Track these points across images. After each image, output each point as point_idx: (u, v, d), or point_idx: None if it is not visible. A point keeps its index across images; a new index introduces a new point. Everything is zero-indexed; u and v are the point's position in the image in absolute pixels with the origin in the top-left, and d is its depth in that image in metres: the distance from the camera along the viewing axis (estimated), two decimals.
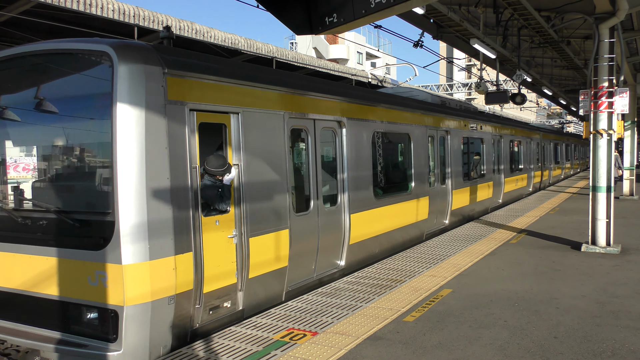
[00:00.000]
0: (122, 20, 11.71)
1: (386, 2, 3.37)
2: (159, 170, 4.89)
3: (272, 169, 6.40)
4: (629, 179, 18.01)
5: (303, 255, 6.96)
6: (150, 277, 4.78)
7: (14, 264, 5.24)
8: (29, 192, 5.70)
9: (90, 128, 5.31)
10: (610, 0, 8.50)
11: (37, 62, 5.43)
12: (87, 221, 4.92)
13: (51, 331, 5.05)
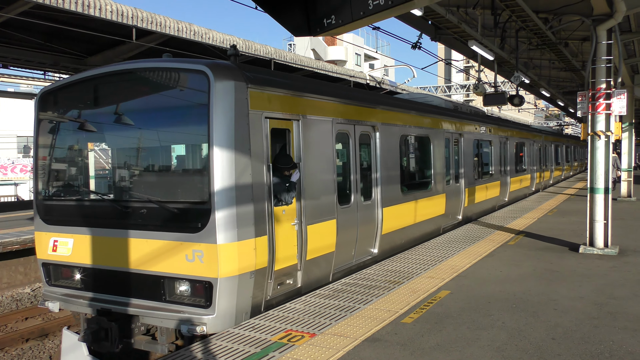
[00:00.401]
0: (120, 22, 11.71)
1: (384, 4, 3.37)
2: (244, 168, 5.91)
3: (323, 167, 7.43)
4: (626, 181, 18.03)
5: (346, 243, 7.92)
6: (238, 255, 5.80)
7: (119, 246, 6.23)
8: (133, 186, 6.71)
9: (189, 132, 6.38)
10: (607, 2, 8.52)
11: (143, 75, 6.48)
12: (186, 210, 5.96)
13: (150, 301, 6.06)
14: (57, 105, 7.22)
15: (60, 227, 6.80)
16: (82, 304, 6.52)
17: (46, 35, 13.29)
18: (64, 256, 6.72)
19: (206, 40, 13.81)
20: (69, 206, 6.97)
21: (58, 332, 9.56)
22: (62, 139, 7.17)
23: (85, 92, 6.86)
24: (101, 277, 6.45)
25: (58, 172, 7.31)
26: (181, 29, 13.10)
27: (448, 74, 77.73)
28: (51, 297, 6.86)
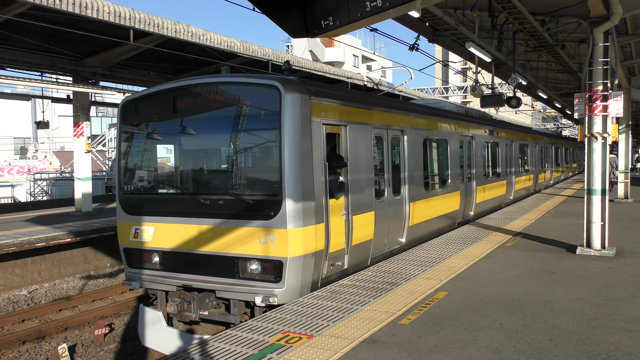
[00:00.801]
0: (117, 23, 11.69)
1: (382, 6, 3.37)
2: (308, 165, 7.01)
3: (364, 166, 8.48)
4: (623, 182, 18.07)
5: (381, 232, 8.95)
6: (303, 239, 6.85)
7: (197, 233, 7.29)
8: (212, 182, 7.87)
9: (262, 136, 7.43)
10: (604, 5, 8.54)
11: (222, 88, 7.56)
12: (261, 201, 7.02)
13: (225, 278, 7.13)
14: (137, 112, 8.27)
15: (142, 217, 7.84)
16: (164, 282, 7.67)
17: (43, 36, 13.26)
18: (145, 242, 7.77)
19: (204, 41, 13.80)
20: (150, 199, 8.10)
21: (55, 334, 9.55)
22: (142, 142, 8.34)
23: (164, 101, 7.95)
24: (181, 259, 7.50)
25: (138, 170, 8.42)
26: (179, 30, 13.09)
27: (445, 75, 77.83)
28: (133, 277, 7.97)
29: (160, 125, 8.22)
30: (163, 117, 8.14)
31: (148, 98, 8.17)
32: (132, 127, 8.34)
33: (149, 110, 8.22)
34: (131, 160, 8.38)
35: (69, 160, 35.97)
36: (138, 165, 8.42)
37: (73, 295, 11.87)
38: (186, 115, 7.86)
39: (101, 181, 32.42)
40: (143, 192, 8.31)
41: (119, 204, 8.14)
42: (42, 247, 11.94)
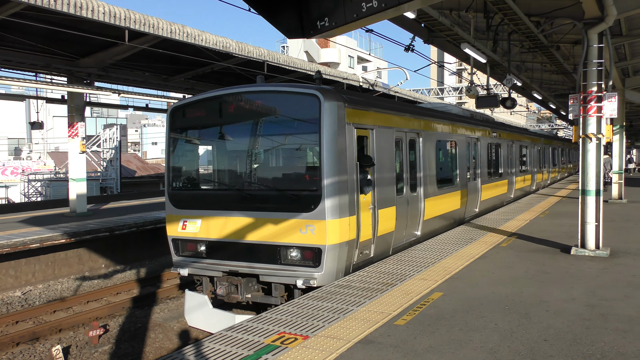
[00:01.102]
0: (112, 23, 11.66)
1: (377, 6, 3.38)
2: (343, 165, 7.87)
3: (387, 165, 9.39)
4: (617, 183, 18.14)
5: (401, 225, 9.85)
6: (339, 229, 7.71)
7: (242, 224, 8.16)
8: (257, 179, 8.68)
9: (303, 139, 8.29)
10: (599, 6, 8.58)
11: (266, 96, 8.53)
12: (302, 196, 7.85)
13: (268, 264, 8.00)
14: (184, 117, 9.16)
15: (190, 211, 8.76)
16: (210, 269, 8.55)
17: (38, 36, 13.21)
18: (193, 233, 8.65)
19: (199, 42, 13.78)
20: (197, 195, 9.12)
21: (49, 335, 9.50)
22: (189, 144, 9.38)
23: (211, 107, 8.86)
24: (227, 247, 8.38)
25: (186, 169, 9.48)
26: (174, 31, 13.06)
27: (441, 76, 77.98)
28: (181, 264, 8.87)
29: (207, 129, 9.21)
30: (210, 122, 9.04)
31: (195, 104, 9.08)
32: (180, 130, 9.34)
33: (196, 115, 9.12)
34: (179, 160, 9.41)
35: (64, 161, 35.84)
36: (185, 165, 9.51)
37: (67, 296, 11.82)
38: (232, 119, 8.80)
39: (96, 182, 32.30)
40: (190, 188, 9.35)
41: (168, 199, 9.09)
42: (36, 248, 11.89)
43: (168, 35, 12.94)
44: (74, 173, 15.90)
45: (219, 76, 19.42)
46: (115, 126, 35.93)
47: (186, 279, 10.76)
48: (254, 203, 8.18)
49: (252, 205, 8.18)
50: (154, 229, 14.74)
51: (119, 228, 13.61)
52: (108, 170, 33.49)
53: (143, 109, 22.72)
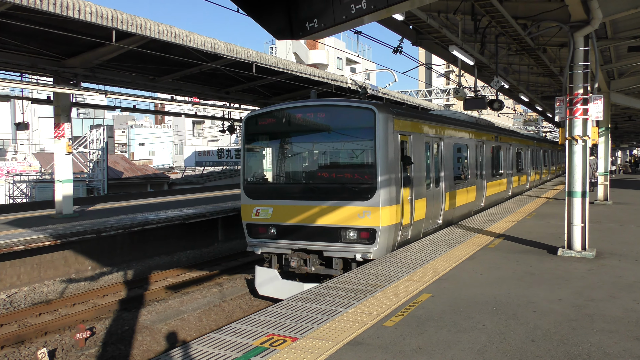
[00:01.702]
0: (99, 24, 11.56)
1: (366, 8, 3.38)
2: (391, 163, 9.79)
3: (420, 164, 11.25)
4: (603, 184, 18.32)
5: (429, 214, 11.73)
6: (389, 214, 9.63)
7: (309, 211, 9.99)
8: (322, 174, 10.69)
9: (361, 144, 10.19)
10: (584, 9, 8.66)
11: (330, 109, 10.47)
12: (361, 188, 9.71)
13: (330, 243, 9.83)
14: (257, 124, 11.00)
15: (262, 201, 10.55)
16: (279, 247, 10.35)
17: (23, 36, 13.07)
18: (265, 219, 10.43)
19: (187, 42, 13.71)
20: (269, 188, 10.98)
21: (34, 338, 9.40)
22: (262, 146, 11.31)
23: (281, 116, 10.75)
24: (295, 230, 10.17)
25: (259, 167, 11.36)
26: (162, 32, 12.99)
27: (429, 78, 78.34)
28: (254, 245, 10.69)
29: (277, 134, 11.00)
30: (280, 128, 10.86)
31: (267, 114, 10.96)
32: (253, 135, 11.19)
33: (268, 123, 10.98)
34: (252, 159, 11.35)
35: (49, 162, 35.49)
36: (258, 163, 11.41)
37: (53, 299, 11.70)
38: (300, 127, 10.78)
39: (82, 183, 32.02)
40: (263, 183, 11.22)
41: (243, 191, 10.88)
42: (21, 250, 11.75)
43: (156, 35, 12.86)
44: (60, 174, 15.74)
45: (208, 77, 19.35)
46: (102, 127, 35.66)
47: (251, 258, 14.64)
48: (319, 194, 10.04)
49: (317, 196, 10.04)
50: (142, 231, 14.64)
51: (105, 230, 13.49)
52: (95, 172, 33.21)
53: (130, 110, 22.54)
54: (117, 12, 11.92)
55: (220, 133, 31.98)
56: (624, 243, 10.33)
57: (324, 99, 11.11)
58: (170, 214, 16.13)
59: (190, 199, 22.17)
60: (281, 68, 17.73)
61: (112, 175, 37.15)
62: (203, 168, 49.71)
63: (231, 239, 18.07)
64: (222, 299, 11.95)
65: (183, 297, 12.05)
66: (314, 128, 10.64)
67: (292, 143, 10.93)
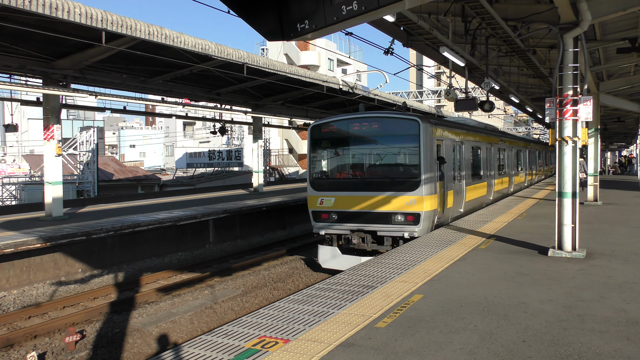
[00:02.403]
0: (89, 25, 11.48)
1: (358, 9, 3.38)
2: (430, 163, 12.08)
3: (449, 163, 13.64)
4: (593, 185, 18.45)
5: (455, 203, 14.26)
6: (429, 202, 11.93)
7: (366, 199, 12.29)
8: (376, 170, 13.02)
9: (407, 147, 12.42)
10: (574, 11, 8.72)
11: (382, 120, 12.84)
12: (408, 181, 11.98)
13: (383, 224, 12.12)
14: (321, 131, 13.38)
15: (326, 192, 12.91)
16: (341, 229, 12.66)
17: (12, 37, 12.96)
18: (328, 206, 12.78)
19: (178, 44, 13.65)
20: (331, 181, 13.27)
21: (24, 342, 9.31)
22: (326, 148, 13.49)
23: (341, 125, 13.31)
24: (353, 215, 12.50)
25: (322, 165, 13.69)
26: (152, 33, 12.92)
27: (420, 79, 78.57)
28: (319, 228, 12.98)
29: (339, 139, 13.33)
30: (341, 134, 13.31)
31: (329, 123, 13.39)
32: (318, 139, 13.38)
33: (330, 130, 13.34)
34: (317, 158, 13.63)
35: (39, 164, 35.22)
36: (322, 161, 13.67)
37: (43, 302, 11.60)
38: (358, 133, 13.03)
39: (72, 185, 31.78)
40: (326, 178, 13.52)
41: (310, 184, 13.23)
42: (10, 253, 11.65)
43: (146, 37, 12.79)
44: (49, 176, 15.62)
45: (198, 78, 19.28)
46: (92, 129, 35.40)
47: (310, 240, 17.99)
48: (373, 187, 12.42)
49: (372, 188, 12.41)
50: (132, 233, 14.56)
51: (96, 232, 13.40)
52: (85, 174, 32.97)
53: (121, 112, 22.42)
54: (106, 13, 11.85)
55: (211, 134, 31.83)
56: (613, 243, 10.40)
57: (376, 112, 13.85)
58: (161, 216, 16.05)
59: (181, 200, 22.08)
60: (272, 69, 17.71)
61: (103, 177, 36.93)
62: (194, 169, 49.51)
63: (222, 240, 18.01)
64: (213, 301, 11.91)
65: (174, 299, 11.99)
66: (369, 134, 12.96)
67: (351, 146, 13.35)
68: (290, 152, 53.47)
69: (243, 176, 44.36)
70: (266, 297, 12.48)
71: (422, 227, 11.87)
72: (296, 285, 13.44)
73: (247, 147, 46.45)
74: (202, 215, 16.78)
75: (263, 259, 15.84)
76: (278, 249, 17.37)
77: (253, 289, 13.01)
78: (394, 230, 12.09)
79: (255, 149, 25.21)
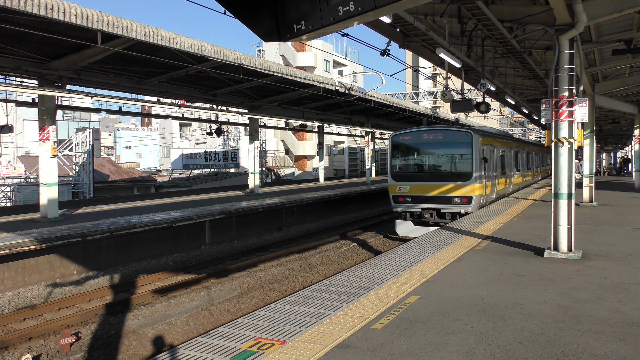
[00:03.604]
0: (85, 25, 11.45)
1: (354, 11, 3.37)
2: (479, 161, 17.01)
3: (488, 162, 17.93)
4: (588, 186, 18.50)
5: (491, 191, 18.67)
6: (478, 188, 16.88)
7: (433, 187, 17.19)
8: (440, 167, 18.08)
9: (463, 150, 17.12)
10: (569, 13, 8.74)
11: (446, 132, 18.06)
12: (463, 174, 16.90)
13: (445, 204, 16.98)
14: (400, 139, 18.35)
15: (403, 182, 17.68)
16: (413, 208, 17.36)
17: (7, 38, 12.91)
18: (404, 192, 17.45)
19: (174, 45, 13.63)
20: (407, 174, 18.02)
21: (19, 344, 9.27)
22: (404, 152, 18.48)
23: (414, 135, 18.07)
24: (423, 198, 17.16)
25: (400, 163, 18.47)
26: (148, 34, 12.90)
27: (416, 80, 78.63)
28: (397, 207, 17.75)
29: (413, 144, 18.25)
30: (415, 141, 18.14)
31: (406, 134, 18.39)
32: (397, 144, 18.46)
33: (407, 138, 18.36)
34: (397, 158, 18.53)
35: (34, 165, 35.08)
36: (400, 160, 18.59)
37: (38, 303, 11.54)
38: (427, 140, 17.82)
39: (68, 186, 31.69)
40: (402, 172, 18.34)
41: (390, 176, 18.19)
42: (5, 254, 11.59)
43: (142, 37, 12.76)
44: (45, 177, 15.56)
45: (195, 79, 19.25)
46: (87, 130, 35.32)
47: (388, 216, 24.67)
48: (438, 178, 17.34)
49: (437, 178, 17.34)
50: (128, 234, 14.51)
51: (91, 233, 13.35)
52: (80, 175, 32.89)
53: (116, 113, 22.36)
54: (102, 14, 11.82)
55: (207, 136, 31.79)
56: (609, 244, 10.43)
57: (440, 125, 22.23)
58: (157, 217, 16.01)
59: (177, 201, 22.03)
60: (269, 70, 17.70)
61: (98, 178, 36.82)
62: (190, 171, 49.45)
63: (219, 242, 17.98)
64: (209, 303, 11.88)
65: (170, 300, 11.96)
66: (435, 141, 17.75)
67: (421, 149, 18.26)
68: (286, 154, 53.45)
69: (239, 177, 44.35)
70: (262, 299, 12.46)
71: (472, 206, 16.68)
72: (292, 287, 13.42)
73: (244, 148, 46.43)
74: (198, 216, 16.74)
75: (259, 260, 15.82)
76: (274, 251, 17.35)
77: (249, 290, 12.99)
78: (453, 209, 16.86)
79: (252, 150, 25.17)
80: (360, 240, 19.51)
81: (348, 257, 16.96)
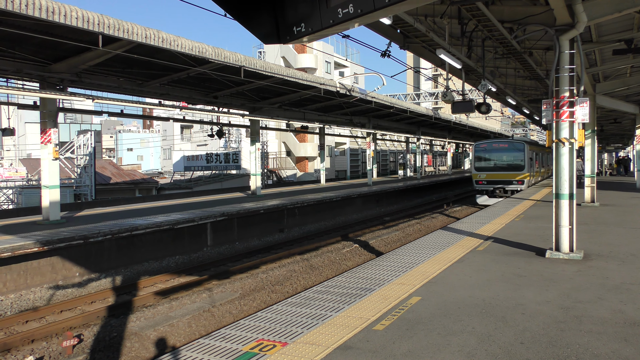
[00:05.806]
0: (86, 28, 11.47)
1: (353, 12, 3.37)
2: (528, 159, 28.03)
3: (532, 160, 29.21)
4: (590, 186, 18.48)
5: (533, 180, 29.89)
6: (527, 176, 27.92)
7: (502, 175, 28.17)
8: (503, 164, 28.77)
9: (519, 154, 28.12)
10: (570, 13, 8.75)
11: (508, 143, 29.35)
12: (519, 166, 27.79)
13: (508, 185, 27.89)
14: (479, 147, 29.12)
15: (481, 172, 28.35)
16: (487, 187, 28.14)
17: (8, 41, 12.95)
18: (482, 178, 28.16)
19: (175, 47, 13.66)
20: (485, 167, 28.50)
21: (21, 346, 9.28)
22: (481, 155, 29.04)
23: (488, 144, 29.09)
24: (495, 182, 27.95)
25: (479, 161, 28.90)
26: (149, 36, 12.92)
27: (417, 82, 78.66)
28: (477, 187, 28.48)
29: (487, 150, 28.61)
30: (489, 148, 28.55)
31: (484, 143, 28.85)
32: (477, 150, 28.81)
33: (484, 147, 28.68)
34: (477, 159, 28.64)
35: (36, 168, 35.15)
36: (479, 160, 28.63)
37: (40, 306, 11.56)
38: (497, 149, 28.53)
39: (70, 189, 31.73)
40: (481, 167, 28.37)
41: (473, 169, 28.65)
42: (7, 257, 11.62)
43: (143, 40, 12.79)
44: (46, 180, 15.59)
45: (196, 82, 19.28)
46: (89, 132, 35.36)
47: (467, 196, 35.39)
48: (504, 169, 27.59)
49: (504, 169, 27.61)
50: (130, 237, 14.53)
51: (93, 236, 13.37)
52: (82, 177, 32.93)
53: (118, 115, 22.39)
54: (103, 17, 11.85)
55: (209, 137, 31.82)
56: (610, 245, 10.42)
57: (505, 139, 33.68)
58: (159, 219, 16.03)
59: (179, 203, 22.05)
60: (269, 72, 17.72)
61: (100, 180, 36.86)
62: (192, 173, 49.49)
63: (220, 243, 17.99)
64: (211, 304, 11.89)
65: (172, 302, 11.97)
66: (501, 148, 28.14)
67: (494, 153, 28.21)
68: (287, 155, 53.47)
69: (241, 179, 44.36)
70: (264, 300, 12.46)
71: (524, 186, 26.59)
72: (294, 288, 13.42)
73: (245, 150, 46.44)
74: (200, 218, 16.76)
75: (261, 262, 15.82)
76: (276, 252, 17.35)
77: (251, 292, 12.99)
78: (513, 187, 26.79)
79: (253, 152, 25.19)
80: (361, 242, 19.50)
81: (350, 258, 16.96)
